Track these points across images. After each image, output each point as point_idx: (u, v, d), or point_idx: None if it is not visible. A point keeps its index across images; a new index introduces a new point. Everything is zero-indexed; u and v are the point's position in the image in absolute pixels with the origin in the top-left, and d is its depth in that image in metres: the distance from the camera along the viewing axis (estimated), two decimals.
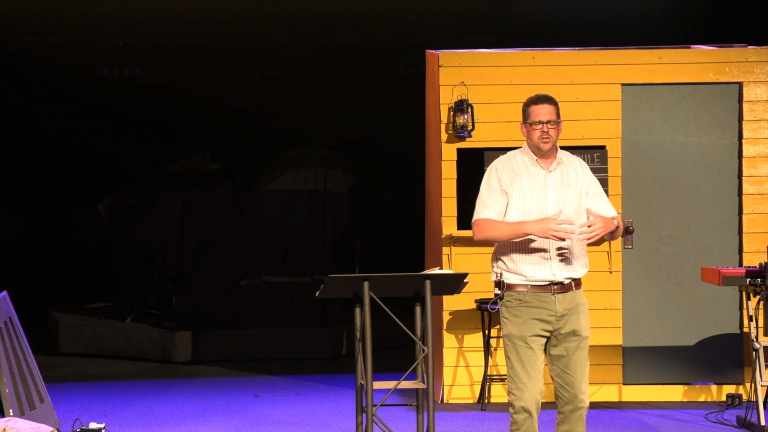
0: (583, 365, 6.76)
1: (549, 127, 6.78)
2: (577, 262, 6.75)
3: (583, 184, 6.81)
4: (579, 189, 6.79)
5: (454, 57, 10.02)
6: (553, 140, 6.79)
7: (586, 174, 6.85)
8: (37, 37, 13.50)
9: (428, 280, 6.62)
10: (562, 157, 6.86)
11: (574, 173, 6.82)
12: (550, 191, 6.76)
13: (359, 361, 6.63)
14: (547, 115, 6.79)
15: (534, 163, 6.82)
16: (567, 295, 6.74)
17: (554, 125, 6.79)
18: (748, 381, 9.85)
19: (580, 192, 6.79)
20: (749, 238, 9.97)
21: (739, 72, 9.97)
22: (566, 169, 6.82)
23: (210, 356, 12.42)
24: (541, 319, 6.73)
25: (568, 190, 6.77)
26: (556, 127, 6.80)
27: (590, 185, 6.83)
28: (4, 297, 8.40)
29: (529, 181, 6.79)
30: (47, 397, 8.60)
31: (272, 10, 12.91)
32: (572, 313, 6.75)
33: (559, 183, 6.78)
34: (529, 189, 6.77)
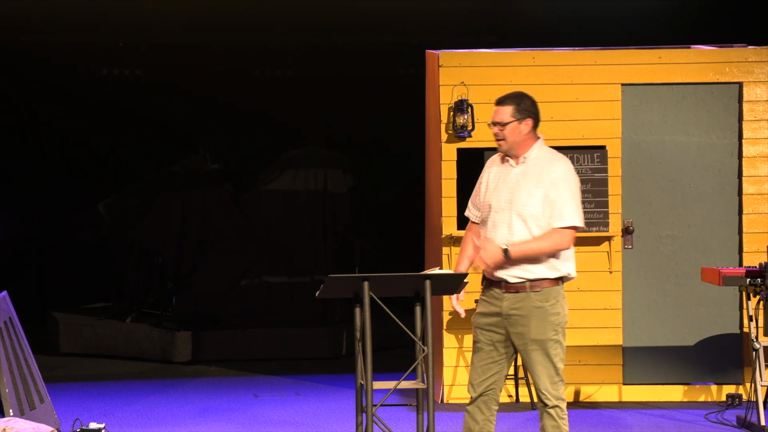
0: (536, 367, 6.82)
1: (497, 129, 6.82)
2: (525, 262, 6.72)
3: (546, 187, 6.73)
4: (541, 189, 6.73)
5: (454, 57, 10.02)
6: (507, 142, 6.80)
7: (552, 176, 6.74)
8: (37, 37, 13.49)
9: (428, 280, 6.62)
10: (531, 155, 6.82)
11: (537, 174, 6.75)
12: (508, 188, 6.80)
13: (359, 361, 6.63)
14: (496, 117, 6.85)
15: (502, 160, 6.92)
16: (518, 296, 6.76)
17: (501, 127, 6.80)
18: (748, 381, 9.85)
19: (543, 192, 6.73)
20: (749, 238, 9.97)
21: (739, 72, 9.97)
22: (530, 168, 6.79)
23: (210, 356, 12.41)
24: (490, 313, 6.83)
25: (524, 189, 6.75)
26: (504, 129, 6.79)
27: (552, 189, 6.72)
28: (4, 297, 8.40)
29: (495, 177, 6.88)
30: (47, 397, 8.60)
31: (272, 10, 12.90)
32: (522, 315, 6.76)
33: (518, 182, 6.78)
34: (492, 183, 6.87)
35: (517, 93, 6.95)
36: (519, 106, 6.82)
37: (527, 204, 6.72)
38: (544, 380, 6.83)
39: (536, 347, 6.79)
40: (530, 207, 6.71)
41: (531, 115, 6.85)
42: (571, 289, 9.94)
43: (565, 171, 6.77)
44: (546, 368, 6.83)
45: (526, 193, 6.73)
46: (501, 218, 6.78)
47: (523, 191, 6.74)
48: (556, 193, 6.70)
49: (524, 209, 6.72)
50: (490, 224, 6.83)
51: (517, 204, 6.74)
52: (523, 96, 6.92)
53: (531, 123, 6.84)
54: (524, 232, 6.73)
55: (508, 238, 6.73)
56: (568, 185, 6.73)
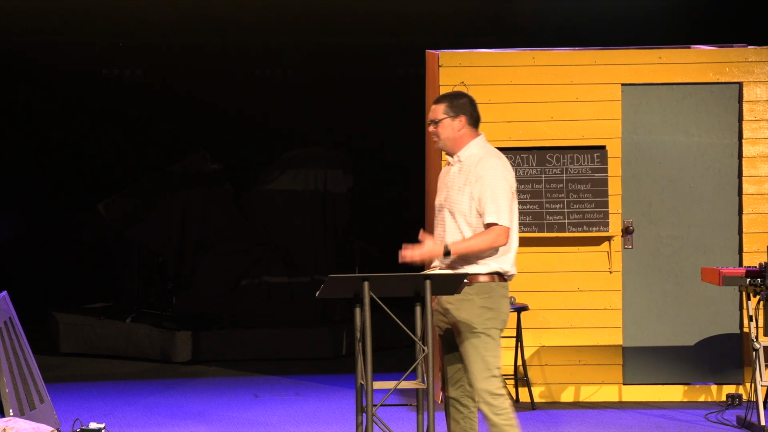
0: (467, 360, 6.82)
1: (432, 127, 6.91)
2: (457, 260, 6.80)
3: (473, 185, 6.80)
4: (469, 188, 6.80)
5: (454, 57, 10.02)
6: (440, 139, 6.90)
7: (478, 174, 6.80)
8: (37, 37, 13.50)
9: (428, 280, 6.62)
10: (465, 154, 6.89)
11: (467, 172, 6.83)
12: (446, 187, 6.91)
13: (359, 361, 6.63)
14: (431, 115, 6.93)
15: (447, 162, 7.03)
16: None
17: (435, 125, 6.88)
18: (748, 381, 9.85)
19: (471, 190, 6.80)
20: (749, 238, 9.97)
21: (739, 72, 9.97)
22: (464, 166, 6.87)
23: (210, 356, 12.41)
24: (436, 309, 6.93)
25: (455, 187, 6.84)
26: (437, 126, 6.88)
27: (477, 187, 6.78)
28: (4, 297, 8.40)
29: (443, 176, 7.00)
30: (47, 397, 8.60)
31: (272, 10, 12.91)
32: (456, 308, 6.82)
33: (453, 180, 6.88)
34: (440, 183, 7.00)
35: (454, 92, 7.05)
36: (452, 104, 6.90)
37: (456, 201, 6.83)
38: (476, 374, 6.82)
39: (466, 339, 6.81)
40: (459, 204, 6.82)
41: (465, 112, 6.90)
42: (571, 289, 9.95)
43: (491, 168, 6.82)
44: (476, 362, 6.80)
45: (456, 191, 6.85)
46: (440, 216, 6.92)
47: (454, 189, 6.86)
48: (481, 192, 6.77)
49: (454, 206, 6.83)
50: (435, 222, 6.99)
51: (449, 201, 6.87)
52: (460, 95, 6.99)
53: (465, 120, 6.89)
54: (454, 228, 6.83)
55: (442, 235, 6.85)
56: (490, 183, 6.77)
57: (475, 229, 6.78)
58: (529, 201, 9.93)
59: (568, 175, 9.95)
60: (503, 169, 6.83)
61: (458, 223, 6.81)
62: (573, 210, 9.94)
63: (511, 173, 6.89)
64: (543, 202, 9.94)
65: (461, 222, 6.81)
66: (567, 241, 9.98)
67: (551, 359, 10.01)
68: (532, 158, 9.95)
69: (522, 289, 9.93)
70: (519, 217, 9.89)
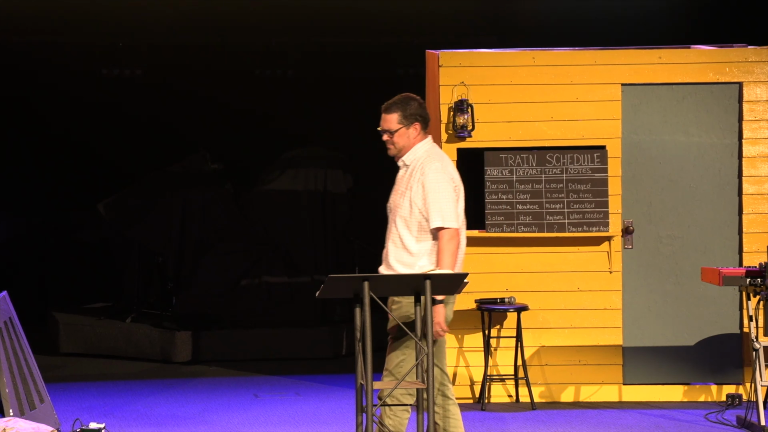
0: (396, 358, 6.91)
1: (386, 137, 7.00)
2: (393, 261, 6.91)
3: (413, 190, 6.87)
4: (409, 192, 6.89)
5: (454, 57, 10.02)
6: (396, 147, 6.99)
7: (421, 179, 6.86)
8: (37, 37, 13.49)
9: (428, 280, 6.62)
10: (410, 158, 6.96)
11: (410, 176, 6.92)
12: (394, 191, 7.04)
13: (359, 361, 6.63)
14: (384, 125, 7.02)
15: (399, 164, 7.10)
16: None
17: (390, 135, 6.96)
18: (748, 381, 9.85)
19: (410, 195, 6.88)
20: (749, 238, 9.97)
21: (739, 72, 9.97)
22: (409, 169, 6.96)
23: (210, 356, 12.41)
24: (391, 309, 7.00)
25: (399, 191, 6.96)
26: (392, 137, 6.95)
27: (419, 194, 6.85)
28: (4, 297, 8.40)
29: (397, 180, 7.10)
30: (47, 397, 8.60)
31: (272, 10, 12.90)
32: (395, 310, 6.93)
33: (399, 184, 7.01)
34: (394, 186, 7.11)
35: (402, 98, 7.08)
36: (405, 112, 6.98)
37: (399, 205, 6.94)
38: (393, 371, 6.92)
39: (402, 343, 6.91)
40: (400, 208, 6.93)
41: (418, 118, 6.99)
42: (571, 289, 9.95)
43: (432, 172, 6.88)
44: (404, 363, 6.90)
45: (399, 195, 6.97)
46: (390, 220, 7.05)
47: (398, 193, 6.98)
48: (424, 197, 6.85)
49: (397, 210, 6.96)
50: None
51: (394, 205, 6.99)
52: (409, 100, 7.05)
53: (419, 126, 6.99)
54: (395, 232, 6.96)
55: (387, 237, 7.00)
56: (432, 187, 6.84)
57: (412, 232, 6.87)
58: (529, 201, 9.93)
59: (568, 175, 9.95)
60: (444, 171, 6.90)
61: (398, 227, 6.91)
62: (573, 210, 9.94)
63: (453, 173, 6.95)
64: (543, 202, 9.94)
65: (401, 226, 6.90)
66: (567, 241, 9.98)
67: (551, 359, 10.01)
68: (532, 158, 9.95)
69: (522, 289, 9.94)
70: (519, 217, 9.98)
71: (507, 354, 10.01)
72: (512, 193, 9.94)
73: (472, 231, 10.02)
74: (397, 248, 6.93)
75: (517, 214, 9.94)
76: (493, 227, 9.94)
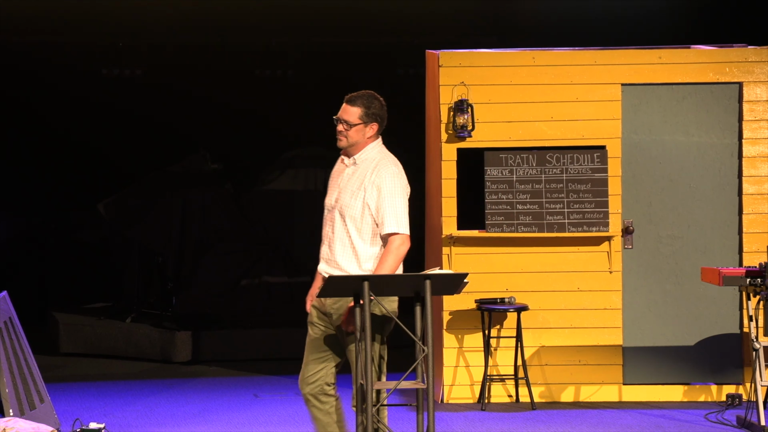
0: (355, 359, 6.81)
1: (343, 127, 6.92)
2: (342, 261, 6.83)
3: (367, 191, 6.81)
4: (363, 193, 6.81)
5: (454, 57, 10.02)
6: (348, 140, 6.90)
7: (375, 183, 6.81)
8: (37, 37, 13.49)
9: (428, 280, 6.62)
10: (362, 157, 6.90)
11: (362, 177, 6.84)
12: (338, 188, 6.91)
13: (359, 361, 6.63)
14: (344, 115, 6.95)
15: (341, 160, 7.02)
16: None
17: (347, 126, 6.90)
18: (748, 381, 9.85)
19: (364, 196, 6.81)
20: (749, 238, 9.97)
21: (739, 72, 9.97)
22: (359, 169, 6.88)
23: (210, 356, 12.41)
24: (317, 308, 6.95)
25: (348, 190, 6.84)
26: (350, 129, 6.88)
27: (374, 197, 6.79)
28: (4, 297, 8.40)
29: (334, 176, 7.02)
30: (47, 397, 8.60)
31: (271, 10, 12.90)
32: (341, 313, 6.83)
33: (346, 182, 6.89)
34: (331, 182, 7.01)
35: (368, 95, 7.04)
36: (368, 110, 6.94)
37: (349, 205, 6.83)
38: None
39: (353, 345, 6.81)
40: (351, 209, 6.82)
41: (378, 119, 6.95)
42: (571, 289, 9.95)
43: (389, 175, 6.84)
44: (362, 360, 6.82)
45: (349, 194, 6.85)
46: (329, 217, 6.92)
47: (347, 192, 6.86)
48: (379, 201, 6.79)
49: (345, 210, 6.83)
50: (323, 223, 6.98)
51: (341, 204, 6.86)
52: (374, 99, 7.01)
53: (376, 127, 6.94)
54: (343, 232, 6.84)
55: (331, 236, 6.87)
56: (389, 191, 6.80)
57: (362, 234, 6.81)
58: (529, 201, 9.93)
59: (568, 175, 9.95)
60: (401, 177, 6.87)
61: (347, 227, 6.82)
62: (573, 210, 9.94)
63: (405, 178, 6.91)
64: (543, 202, 9.94)
65: (350, 226, 6.82)
66: (567, 241, 9.98)
67: (551, 359, 10.01)
68: (532, 158, 9.95)
69: (522, 289, 9.94)
70: (519, 217, 9.98)
71: (507, 354, 10.00)
72: (512, 193, 9.94)
73: (472, 231, 10.02)
74: (345, 248, 6.82)
75: (517, 214, 9.93)
76: (493, 227, 9.93)
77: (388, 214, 6.77)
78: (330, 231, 6.89)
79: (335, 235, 6.85)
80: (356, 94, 7.03)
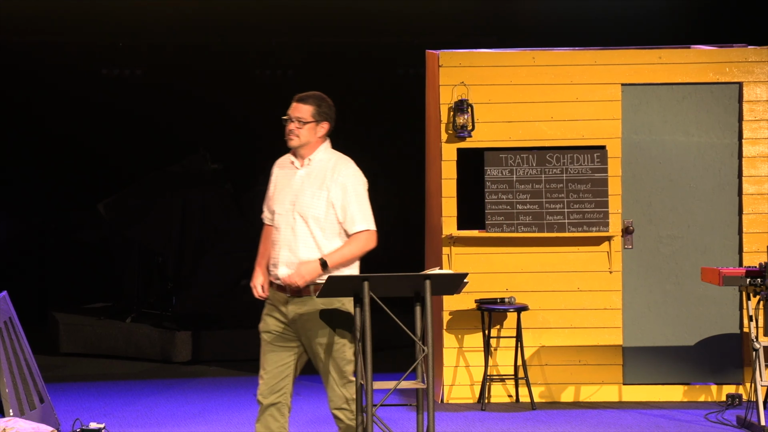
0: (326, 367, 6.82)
1: (295, 126, 6.90)
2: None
3: (330, 191, 6.80)
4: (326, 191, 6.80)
5: (454, 57, 10.02)
6: (299, 139, 6.90)
7: (338, 181, 6.81)
8: (37, 37, 13.48)
9: (428, 280, 6.62)
10: (316, 157, 6.89)
11: (321, 176, 6.82)
12: (292, 191, 6.87)
13: (359, 361, 6.63)
14: (296, 113, 6.95)
15: (290, 162, 7.00)
16: (303, 299, 6.82)
17: (300, 125, 6.87)
18: (748, 381, 9.85)
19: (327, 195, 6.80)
20: (749, 238, 9.97)
21: (739, 72, 9.98)
22: (314, 170, 6.86)
23: (210, 356, 12.41)
24: (277, 318, 6.91)
25: (307, 191, 6.82)
26: (302, 127, 6.87)
27: (339, 194, 6.79)
28: (4, 297, 8.40)
29: (282, 178, 6.99)
30: (47, 397, 8.60)
31: (271, 10, 12.89)
32: (308, 319, 6.81)
33: (302, 183, 6.86)
34: (279, 185, 6.97)
35: (318, 95, 7.07)
36: (320, 108, 6.96)
37: (310, 206, 6.80)
38: (336, 380, 6.84)
39: (323, 350, 6.81)
40: (313, 209, 6.80)
41: (328, 119, 6.97)
42: (571, 289, 9.95)
43: (351, 175, 6.86)
44: (336, 369, 6.84)
45: (309, 195, 6.82)
46: (285, 220, 6.86)
47: (306, 193, 6.83)
48: (345, 199, 6.79)
49: (307, 211, 6.80)
50: (275, 227, 6.92)
51: (300, 205, 6.82)
52: (324, 99, 7.03)
53: (327, 127, 6.95)
54: (306, 233, 6.80)
55: (291, 239, 6.81)
56: (355, 190, 6.82)
57: (326, 234, 6.79)
58: (529, 201, 9.93)
59: (568, 175, 9.95)
60: (361, 174, 6.90)
61: (311, 228, 6.79)
62: (573, 210, 9.94)
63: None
64: (543, 202, 9.94)
65: (314, 227, 6.79)
66: (567, 241, 9.98)
67: (551, 359, 10.01)
68: (532, 158, 9.95)
69: (522, 289, 9.94)
70: (519, 217, 9.98)
71: (507, 354, 10.01)
72: (512, 193, 9.94)
73: (472, 231, 10.02)
74: (310, 249, 6.78)
75: (517, 214, 9.94)
76: (493, 227, 9.94)
77: (358, 212, 6.80)
78: (289, 234, 6.83)
79: (297, 238, 6.80)
80: (306, 93, 7.09)
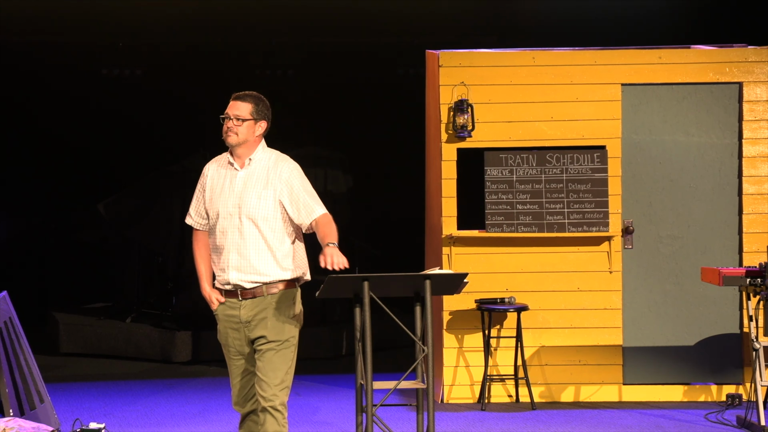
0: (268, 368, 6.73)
1: (233, 123, 6.85)
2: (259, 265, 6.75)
3: (276, 189, 6.78)
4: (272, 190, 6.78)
5: (454, 57, 10.02)
6: (238, 137, 6.84)
7: (283, 178, 6.79)
8: (37, 37, 13.48)
9: (428, 280, 6.62)
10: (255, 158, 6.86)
11: (265, 176, 6.79)
12: (234, 193, 6.79)
13: (359, 361, 6.63)
14: (234, 110, 6.92)
15: (228, 162, 6.92)
16: (255, 301, 6.78)
17: (239, 122, 6.85)
18: (748, 381, 9.85)
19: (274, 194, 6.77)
20: (749, 238, 9.97)
21: (739, 72, 9.98)
22: (256, 170, 6.82)
23: (210, 356, 12.41)
24: (232, 328, 6.83)
25: (252, 192, 6.76)
26: (241, 125, 6.84)
27: (285, 191, 6.77)
28: (4, 297, 8.40)
29: (219, 180, 6.90)
30: (47, 397, 8.60)
31: (271, 10, 12.89)
32: (261, 318, 6.77)
33: (245, 185, 6.79)
34: (217, 188, 6.88)
35: (256, 94, 7.06)
36: (258, 107, 6.95)
37: (258, 207, 6.75)
38: (274, 382, 6.75)
39: (272, 349, 6.75)
40: (261, 210, 6.75)
41: (266, 118, 6.97)
42: (571, 289, 9.95)
43: (293, 169, 6.84)
44: (278, 371, 6.75)
45: (255, 196, 6.77)
46: (230, 223, 6.78)
47: (251, 194, 6.77)
48: (295, 194, 6.77)
49: (255, 212, 6.75)
50: (219, 231, 6.82)
51: (248, 208, 6.76)
52: (261, 99, 7.02)
53: (264, 126, 6.95)
54: (256, 235, 6.75)
55: (240, 242, 6.74)
56: (301, 183, 6.81)
57: (276, 234, 6.78)
58: (529, 201, 9.93)
59: (568, 175, 9.95)
60: (297, 166, 6.89)
61: (261, 230, 6.75)
62: (573, 210, 9.94)
63: None
64: (543, 202, 9.94)
65: (264, 227, 6.75)
66: (567, 241, 9.98)
67: (551, 359, 10.01)
68: (532, 158, 9.95)
69: (522, 289, 9.94)
70: (519, 217, 9.98)
71: (507, 354, 10.01)
72: (512, 193, 9.94)
73: (472, 231, 10.02)
74: (261, 251, 6.74)
75: (517, 214, 9.94)
76: (493, 227, 9.94)
77: (310, 201, 6.79)
78: (237, 237, 6.76)
79: (246, 241, 6.75)
80: (244, 92, 7.07)
